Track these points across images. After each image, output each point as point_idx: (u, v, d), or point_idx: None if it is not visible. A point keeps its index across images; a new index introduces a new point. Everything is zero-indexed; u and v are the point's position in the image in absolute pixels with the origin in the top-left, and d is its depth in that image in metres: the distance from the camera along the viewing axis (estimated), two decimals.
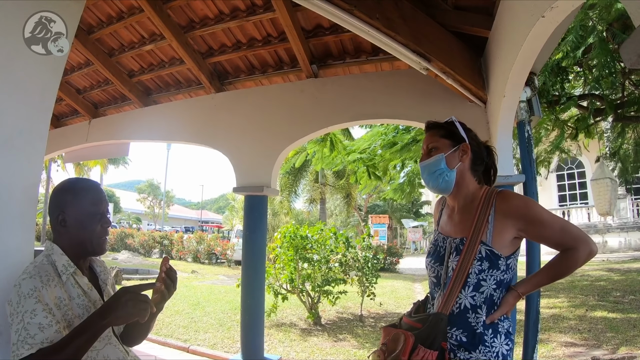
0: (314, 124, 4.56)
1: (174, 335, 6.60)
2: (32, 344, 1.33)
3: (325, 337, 6.75)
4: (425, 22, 3.16)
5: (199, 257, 21.69)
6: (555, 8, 1.98)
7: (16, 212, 1.92)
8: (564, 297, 9.37)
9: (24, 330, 1.35)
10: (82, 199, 1.65)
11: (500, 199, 1.68)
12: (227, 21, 4.13)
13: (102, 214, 1.66)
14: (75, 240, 1.63)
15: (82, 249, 1.64)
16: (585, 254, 1.58)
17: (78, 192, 1.67)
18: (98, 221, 1.64)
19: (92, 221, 1.63)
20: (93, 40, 4.69)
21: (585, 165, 21.55)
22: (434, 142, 1.82)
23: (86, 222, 1.62)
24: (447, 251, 1.74)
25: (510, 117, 3.28)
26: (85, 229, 1.62)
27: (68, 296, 1.53)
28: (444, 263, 1.73)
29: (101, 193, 1.71)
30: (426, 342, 1.57)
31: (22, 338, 1.34)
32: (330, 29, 4.02)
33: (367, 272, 7.92)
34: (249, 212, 4.82)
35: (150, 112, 5.49)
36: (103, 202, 1.69)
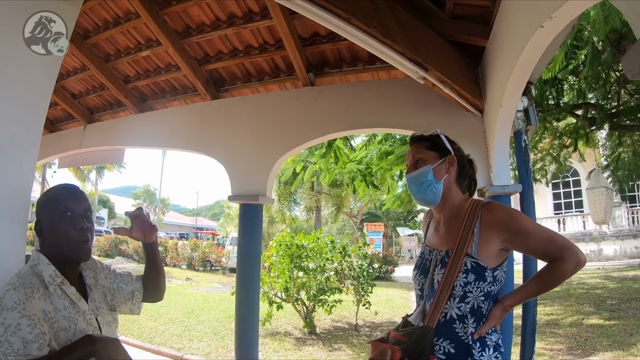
0: (310, 132, 4.53)
1: (168, 344, 6.54)
2: (16, 357, 1.30)
3: (320, 346, 6.71)
4: (423, 30, 3.16)
5: (193, 264, 21.59)
6: (555, 18, 1.97)
7: (7, 218, 1.89)
8: (559, 305, 9.38)
9: (7, 344, 1.31)
10: (52, 202, 1.60)
11: (485, 211, 1.68)
12: (223, 28, 4.11)
13: (73, 216, 1.59)
14: (54, 247, 1.58)
15: (61, 255, 1.58)
16: (572, 264, 1.56)
17: (49, 197, 1.63)
18: (68, 222, 1.57)
19: (63, 224, 1.56)
20: (89, 45, 4.66)
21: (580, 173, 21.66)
22: (420, 154, 1.82)
23: (57, 226, 1.56)
24: (432, 264, 1.74)
25: (507, 127, 3.27)
26: (58, 233, 1.56)
27: (54, 308, 1.49)
28: (428, 275, 1.73)
29: (73, 194, 1.65)
30: (413, 356, 1.56)
31: (5, 350, 1.30)
32: (327, 37, 4.01)
33: (362, 281, 7.89)
34: (244, 221, 4.78)
35: (146, 119, 5.45)
36: (73, 202, 1.61)
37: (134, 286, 1.87)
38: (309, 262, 7.60)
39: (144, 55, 4.71)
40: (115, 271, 1.88)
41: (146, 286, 1.90)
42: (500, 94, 2.94)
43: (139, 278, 1.92)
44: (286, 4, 2.59)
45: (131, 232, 1.80)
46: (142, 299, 1.90)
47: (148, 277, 1.91)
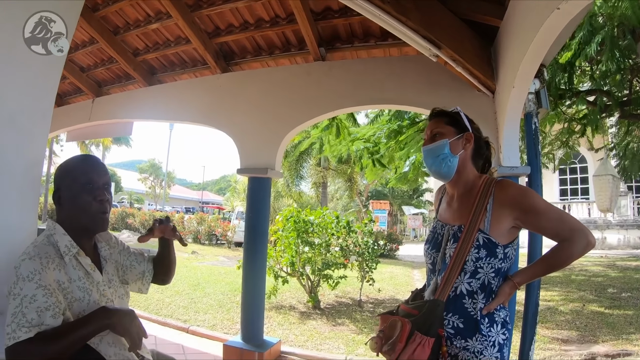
0: (320, 107, 4.52)
1: (174, 316, 6.65)
2: (29, 328, 1.32)
3: (324, 321, 6.80)
4: (437, 8, 3.12)
5: (199, 238, 21.79)
6: (571, 1, 1.95)
7: (19, 191, 1.91)
8: (560, 290, 9.42)
9: (21, 315, 1.33)
10: (74, 173, 1.62)
11: (499, 188, 1.69)
12: (235, 1, 4.07)
13: (94, 187, 1.61)
14: (71, 216, 1.60)
15: (79, 226, 1.61)
16: (582, 245, 1.57)
17: (71, 167, 1.65)
18: (90, 194, 1.59)
19: (84, 195, 1.59)
20: (98, 18, 4.63)
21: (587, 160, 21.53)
22: (439, 128, 1.83)
23: (78, 197, 1.59)
24: (444, 238, 1.76)
25: (518, 109, 3.26)
26: (78, 203, 1.59)
27: (68, 278, 1.51)
28: (441, 250, 1.75)
29: (96, 166, 1.67)
30: (423, 329, 1.58)
31: (19, 321, 1.32)
32: (339, 11, 3.96)
33: (367, 257, 7.94)
34: (252, 194, 4.81)
35: (155, 92, 5.45)
36: (96, 174, 1.64)
37: (145, 267, 1.90)
38: (314, 237, 7.64)
39: (154, 28, 4.67)
40: (129, 249, 1.91)
41: (157, 269, 1.95)
42: (512, 75, 2.91)
43: (150, 259, 1.95)
44: None
45: (152, 232, 1.87)
46: (151, 280, 1.94)
47: (159, 264, 1.96)
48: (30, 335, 1.32)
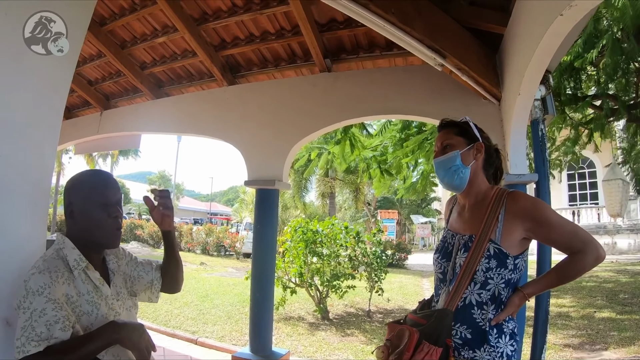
0: (326, 118, 4.54)
1: (183, 327, 6.65)
2: (38, 342, 1.32)
3: (333, 331, 6.77)
4: (441, 17, 3.13)
5: (207, 249, 21.81)
6: (575, 7, 1.95)
7: (28, 203, 1.91)
8: (571, 297, 9.31)
9: (30, 328, 1.33)
10: (89, 188, 1.63)
11: (510, 199, 1.68)
12: (240, 14, 4.12)
13: (109, 203, 1.62)
14: (84, 231, 1.60)
15: (91, 240, 1.61)
16: (593, 258, 1.57)
17: (85, 182, 1.66)
18: (104, 210, 1.60)
19: (98, 211, 1.60)
20: (105, 32, 4.70)
21: (596, 165, 21.35)
22: (449, 140, 1.82)
23: (92, 212, 1.59)
24: (455, 247, 1.75)
25: (524, 116, 3.25)
26: (92, 219, 1.59)
27: (77, 292, 1.51)
28: (451, 259, 1.74)
29: (110, 182, 1.68)
30: (431, 339, 1.57)
31: (28, 335, 1.33)
32: (344, 23, 3.99)
33: (376, 267, 7.91)
34: (260, 206, 4.82)
35: (162, 105, 5.50)
36: (111, 191, 1.66)
37: (153, 275, 1.89)
38: (323, 247, 7.63)
39: (160, 42, 4.73)
40: (136, 259, 1.91)
41: (164, 277, 1.93)
42: (518, 82, 2.91)
43: (158, 268, 1.94)
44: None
45: (153, 210, 1.85)
46: (161, 289, 1.92)
47: (166, 268, 1.93)
48: (39, 349, 1.32)
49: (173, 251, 1.92)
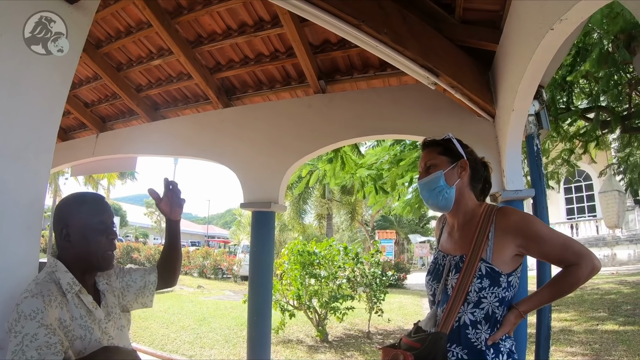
0: (322, 139, 4.54)
1: (180, 351, 6.55)
2: None
3: (333, 354, 6.68)
4: (433, 36, 3.16)
5: (205, 272, 21.65)
6: (565, 20, 1.96)
7: (22, 225, 1.90)
8: (573, 311, 9.25)
9: (21, 353, 1.32)
10: (85, 211, 1.63)
11: (500, 215, 1.67)
12: (234, 37, 4.15)
13: (106, 226, 1.65)
14: (81, 254, 1.60)
15: (87, 263, 1.61)
16: (587, 270, 1.55)
17: (80, 205, 1.66)
18: (102, 233, 1.62)
19: (96, 233, 1.61)
20: (101, 55, 4.73)
21: (592, 177, 21.42)
22: (432, 160, 1.82)
23: (90, 235, 1.60)
24: (446, 269, 1.72)
25: (519, 131, 3.26)
26: (90, 242, 1.60)
27: (70, 316, 1.50)
28: (441, 281, 1.71)
29: (104, 205, 1.70)
30: None
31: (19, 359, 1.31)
32: (337, 44, 4.02)
33: (375, 288, 7.85)
34: (256, 228, 4.79)
35: (158, 127, 5.50)
36: (107, 214, 1.68)
37: (147, 279, 1.88)
38: (320, 269, 7.58)
39: (156, 64, 4.76)
40: (124, 269, 1.90)
41: (162, 271, 1.93)
42: (511, 98, 2.92)
43: (154, 269, 1.93)
44: (297, 11, 2.60)
45: (160, 202, 1.87)
46: (157, 287, 1.92)
47: (166, 260, 1.95)
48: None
49: (176, 240, 1.97)
